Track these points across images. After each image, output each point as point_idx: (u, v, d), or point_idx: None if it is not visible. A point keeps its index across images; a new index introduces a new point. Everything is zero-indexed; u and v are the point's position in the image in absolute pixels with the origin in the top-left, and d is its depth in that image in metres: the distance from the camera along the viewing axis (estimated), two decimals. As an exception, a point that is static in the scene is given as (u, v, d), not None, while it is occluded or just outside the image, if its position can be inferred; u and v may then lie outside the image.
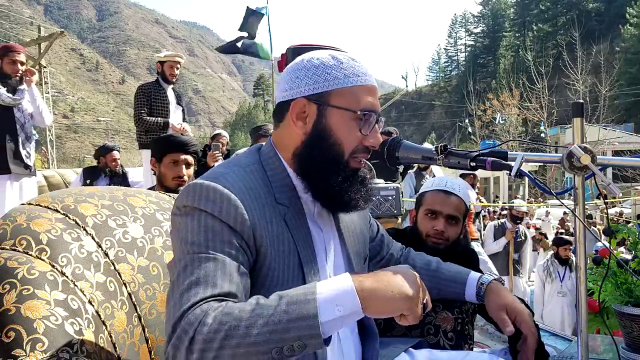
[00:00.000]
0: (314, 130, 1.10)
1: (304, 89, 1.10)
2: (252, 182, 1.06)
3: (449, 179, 1.94)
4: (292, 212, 1.09)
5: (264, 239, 1.01)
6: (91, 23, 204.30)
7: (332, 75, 1.09)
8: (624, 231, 1.47)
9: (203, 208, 0.99)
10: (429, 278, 1.39)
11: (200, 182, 1.03)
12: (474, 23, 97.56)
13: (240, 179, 1.05)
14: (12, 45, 4.24)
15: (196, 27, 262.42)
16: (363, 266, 1.28)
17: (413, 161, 1.33)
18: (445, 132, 64.06)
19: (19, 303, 0.99)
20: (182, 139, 2.75)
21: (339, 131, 1.09)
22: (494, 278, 1.36)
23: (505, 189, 27.57)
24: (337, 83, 1.09)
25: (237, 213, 0.99)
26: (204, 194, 1.00)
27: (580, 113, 1.16)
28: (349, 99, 1.09)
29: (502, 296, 1.31)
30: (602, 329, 1.76)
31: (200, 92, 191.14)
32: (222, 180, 1.02)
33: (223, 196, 0.99)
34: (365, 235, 1.33)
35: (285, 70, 1.17)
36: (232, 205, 0.99)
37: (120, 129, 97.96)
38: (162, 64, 4.83)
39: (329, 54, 1.13)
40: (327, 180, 1.08)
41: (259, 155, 1.15)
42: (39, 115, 4.26)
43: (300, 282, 1.06)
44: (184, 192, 1.03)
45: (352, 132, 1.09)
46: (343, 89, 1.09)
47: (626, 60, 46.43)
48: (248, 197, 1.02)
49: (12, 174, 4.03)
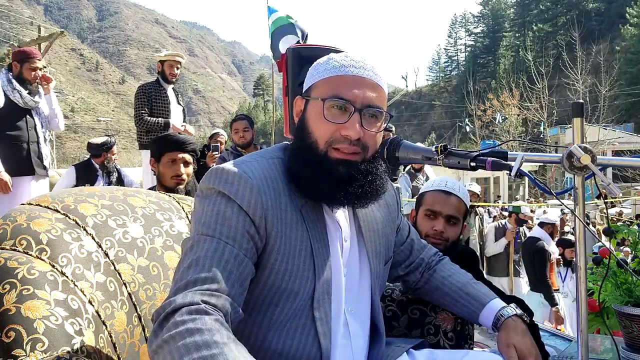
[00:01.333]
0: (298, 122, 1.16)
1: (304, 89, 1.18)
2: (272, 172, 1.11)
3: (449, 179, 1.93)
4: (309, 205, 1.12)
5: (275, 224, 1.06)
6: (91, 23, 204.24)
7: (317, 70, 1.15)
8: (623, 231, 1.47)
9: (221, 189, 1.06)
10: (451, 288, 1.39)
11: (221, 166, 1.10)
12: (474, 23, 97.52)
13: (261, 167, 1.10)
14: (32, 51, 4.26)
15: (196, 27, 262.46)
16: (382, 268, 1.28)
17: (413, 161, 1.33)
18: (445, 132, 64.00)
19: (19, 303, 0.99)
20: (179, 137, 2.73)
21: (311, 120, 1.12)
22: (515, 313, 1.28)
23: (505, 189, 27.55)
24: (319, 76, 1.13)
25: (251, 195, 1.05)
26: (224, 176, 1.07)
27: (580, 113, 1.16)
28: (323, 89, 1.12)
29: (515, 335, 1.23)
30: (602, 329, 1.76)
31: (200, 92, 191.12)
32: (243, 166, 1.09)
33: (241, 179, 1.06)
34: (389, 238, 1.32)
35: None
36: (248, 187, 1.05)
37: (120, 129, 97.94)
38: (163, 64, 4.82)
39: (330, 54, 1.16)
40: (304, 169, 1.10)
41: (284, 150, 1.19)
42: (54, 118, 4.33)
43: (311, 271, 1.09)
44: (206, 176, 1.10)
45: (322, 120, 1.10)
46: (322, 80, 1.13)
47: (626, 60, 46.42)
48: (265, 185, 1.07)
49: (35, 175, 4.12)
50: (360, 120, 1.09)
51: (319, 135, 1.10)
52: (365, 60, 1.14)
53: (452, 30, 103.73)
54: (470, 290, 1.37)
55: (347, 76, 1.10)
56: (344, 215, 1.20)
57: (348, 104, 1.09)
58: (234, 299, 0.98)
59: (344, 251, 1.17)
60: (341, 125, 1.09)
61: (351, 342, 1.16)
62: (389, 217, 1.32)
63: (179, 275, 0.99)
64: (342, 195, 1.10)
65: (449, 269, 1.45)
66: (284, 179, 1.12)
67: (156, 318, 0.93)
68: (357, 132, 1.08)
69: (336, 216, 1.18)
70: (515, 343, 1.21)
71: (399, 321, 1.61)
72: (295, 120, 1.18)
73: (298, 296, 1.09)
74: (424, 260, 1.46)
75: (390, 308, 1.62)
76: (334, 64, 1.13)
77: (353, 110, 1.09)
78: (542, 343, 1.59)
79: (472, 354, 1.29)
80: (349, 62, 1.12)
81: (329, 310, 1.12)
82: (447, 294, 1.41)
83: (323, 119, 1.09)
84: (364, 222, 1.23)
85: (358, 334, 1.18)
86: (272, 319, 1.09)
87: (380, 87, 1.14)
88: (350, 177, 1.09)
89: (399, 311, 1.61)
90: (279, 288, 1.08)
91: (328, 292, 1.12)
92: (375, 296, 1.24)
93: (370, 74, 1.12)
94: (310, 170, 1.09)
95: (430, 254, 1.49)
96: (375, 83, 1.12)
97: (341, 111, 1.09)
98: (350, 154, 1.10)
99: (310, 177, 1.09)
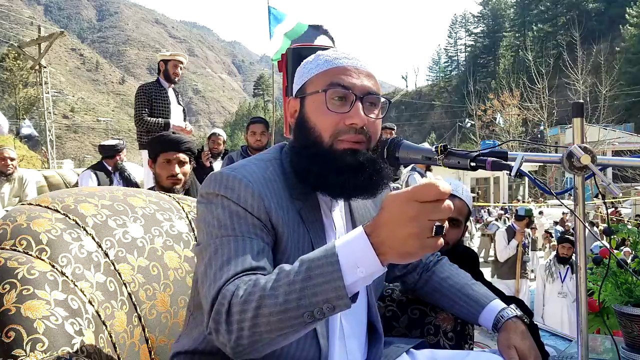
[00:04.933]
0: (296, 122, 1.15)
1: (295, 89, 1.16)
2: (271, 175, 1.10)
3: (452, 181, 1.92)
4: (307, 207, 1.12)
5: (279, 225, 1.05)
6: (91, 23, 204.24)
7: (307, 68, 1.14)
8: (623, 231, 1.47)
9: (224, 194, 1.04)
10: (450, 290, 1.39)
11: (220, 171, 1.09)
12: (474, 23, 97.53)
13: (260, 170, 1.10)
14: None
15: (196, 27, 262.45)
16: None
17: (413, 161, 1.33)
18: (445, 132, 64.01)
19: (19, 303, 0.99)
20: (174, 137, 2.68)
21: (312, 114, 1.11)
22: (515, 315, 1.27)
23: (505, 189, 27.56)
24: (312, 73, 1.13)
25: (253, 200, 1.04)
26: (224, 182, 1.06)
27: (580, 113, 1.15)
28: (318, 83, 1.11)
29: (515, 337, 1.23)
30: (602, 329, 1.76)
31: (200, 92, 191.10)
32: (241, 170, 1.08)
33: (241, 184, 1.05)
34: None
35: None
36: (249, 192, 1.04)
37: (120, 129, 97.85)
38: (167, 63, 4.80)
39: (317, 52, 1.16)
40: (311, 166, 1.08)
41: (281, 151, 1.18)
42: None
43: None
44: (206, 181, 1.09)
45: (323, 112, 1.09)
46: (316, 75, 1.12)
47: (626, 60, 46.42)
48: (265, 187, 1.07)
49: None
50: (362, 108, 1.09)
51: (322, 129, 1.09)
52: (355, 53, 1.14)
53: (452, 30, 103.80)
54: (469, 292, 1.37)
55: (341, 67, 1.10)
56: (340, 216, 1.20)
57: (349, 93, 1.08)
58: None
59: None
60: (345, 114, 1.08)
61: (345, 342, 1.15)
62: None
63: (212, 279, 0.95)
64: (354, 186, 1.08)
65: (447, 270, 1.44)
66: (283, 180, 1.11)
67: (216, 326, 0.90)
68: (362, 119, 1.07)
69: (333, 216, 1.18)
70: (516, 344, 1.21)
71: (399, 321, 1.61)
72: (290, 121, 1.17)
73: None
74: (422, 261, 1.46)
75: (390, 308, 1.62)
76: (325, 58, 1.13)
77: (354, 98, 1.08)
78: (542, 343, 1.59)
79: (473, 355, 1.29)
80: (340, 54, 1.13)
81: None
82: (446, 296, 1.40)
83: (326, 110, 1.08)
84: (358, 220, 1.23)
85: (352, 335, 1.18)
86: None
87: (374, 76, 1.14)
88: (360, 165, 1.08)
89: (399, 311, 1.61)
90: None
91: None
92: (371, 296, 1.24)
93: (363, 64, 1.13)
94: (319, 166, 1.07)
95: (427, 255, 1.48)
96: (369, 72, 1.13)
97: (342, 101, 1.09)
98: (356, 142, 1.09)
99: (320, 172, 1.07)
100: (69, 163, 25.14)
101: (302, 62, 1.18)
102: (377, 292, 1.31)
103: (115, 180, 4.91)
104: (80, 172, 5.80)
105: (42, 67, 23.13)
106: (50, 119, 23.98)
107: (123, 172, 4.98)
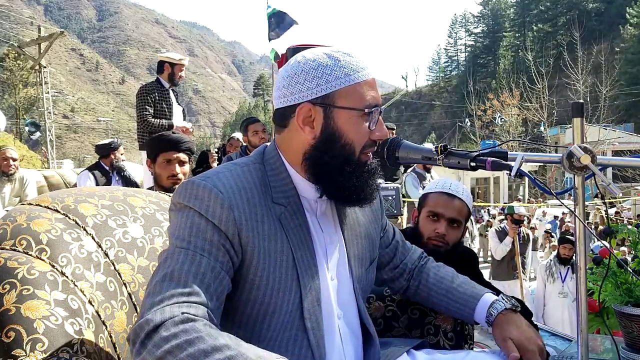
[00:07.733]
0: (323, 133, 1.09)
1: (306, 93, 1.08)
2: (246, 181, 1.07)
3: (453, 182, 1.92)
4: (289, 212, 1.10)
5: (250, 238, 1.03)
6: (91, 23, 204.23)
7: (332, 76, 1.07)
8: (623, 231, 1.47)
9: (192, 206, 1.03)
10: (439, 296, 1.38)
11: (192, 180, 1.06)
12: (474, 23, 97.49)
13: (233, 177, 1.07)
14: None
15: (196, 27, 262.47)
16: (364, 270, 1.26)
17: (413, 161, 1.33)
18: (445, 132, 63.97)
19: (19, 303, 0.99)
20: (173, 137, 2.67)
21: (349, 132, 1.09)
22: (506, 307, 1.27)
23: (505, 189, 27.57)
24: (339, 83, 1.07)
25: (222, 211, 1.01)
26: (194, 192, 1.04)
27: (580, 113, 1.16)
28: (353, 98, 1.08)
29: (508, 328, 1.22)
30: (602, 329, 1.76)
31: (200, 92, 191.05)
32: (214, 179, 1.05)
33: (211, 194, 1.02)
34: (373, 239, 1.30)
35: (280, 74, 1.14)
36: (219, 204, 1.02)
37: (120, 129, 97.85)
38: (173, 66, 4.78)
39: (323, 53, 1.10)
40: (343, 180, 1.09)
41: (263, 154, 1.16)
42: None
43: (294, 282, 1.07)
44: (178, 189, 1.08)
45: (361, 130, 1.10)
46: (346, 88, 1.08)
47: (626, 60, 46.45)
48: (238, 197, 1.04)
49: None
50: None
51: (357, 145, 1.11)
52: (362, 56, 1.14)
53: (452, 30, 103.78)
54: (457, 295, 1.36)
55: (369, 80, 1.11)
56: (328, 216, 1.19)
57: (379, 109, 1.12)
58: (212, 312, 0.95)
59: (329, 256, 1.16)
60: (372, 130, 1.12)
61: (343, 346, 1.15)
62: (373, 217, 1.31)
63: (152, 289, 0.94)
64: (370, 193, 1.14)
65: (433, 276, 1.42)
66: (261, 186, 1.09)
67: (134, 338, 0.88)
68: (387, 132, 1.15)
69: (319, 218, 1.16)
70: (511, 336, 1.20)
71: (399, 321, 1.61)
72: (302, 128, 1.09)
73: (283, 309, 1.06)
74: (408, 266, 1.45)
75: (390, 308, 1.62)
76: (350, 67, 1.09)
77: (379, 113, 1.12)
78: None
79: (473, 355, 1.29)
80: (362, 63, 1.11)
81: (320, 318, 1.10)
82: (437, 304, 1.41)
83: (365, 128, 1.10)
84: (347, 224, 1.22)
85: (349, 338, 1.17)
86: (260, 335, 1.06)
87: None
88: (374, 175, 1.14)
89: (399, 311, 1.61)
90: (262, 303, 1.05)
91: (318, 300, 1.10)
92: (359, 300, 1.22)
93: (372, 72, 1.14)
94: (356, 180, 1.10)
95: (414, 259, 1.47)
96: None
97: (374, 117, 1.11)
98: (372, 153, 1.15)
99: (358, 187, 1.10)
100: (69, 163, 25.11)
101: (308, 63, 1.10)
102: (365, 295, 1.29)
103: (114, 180, 4.89)
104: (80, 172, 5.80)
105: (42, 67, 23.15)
106: (50, 119, 24.01)
107: (121, 171, 4.96)
